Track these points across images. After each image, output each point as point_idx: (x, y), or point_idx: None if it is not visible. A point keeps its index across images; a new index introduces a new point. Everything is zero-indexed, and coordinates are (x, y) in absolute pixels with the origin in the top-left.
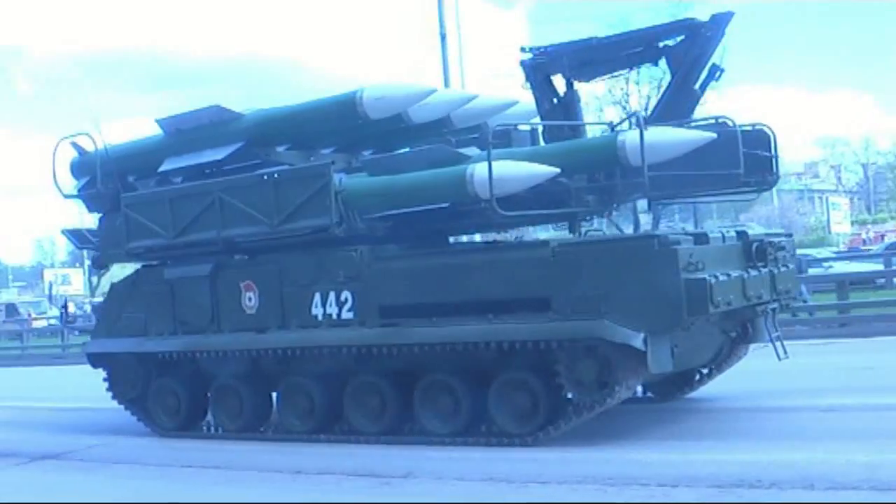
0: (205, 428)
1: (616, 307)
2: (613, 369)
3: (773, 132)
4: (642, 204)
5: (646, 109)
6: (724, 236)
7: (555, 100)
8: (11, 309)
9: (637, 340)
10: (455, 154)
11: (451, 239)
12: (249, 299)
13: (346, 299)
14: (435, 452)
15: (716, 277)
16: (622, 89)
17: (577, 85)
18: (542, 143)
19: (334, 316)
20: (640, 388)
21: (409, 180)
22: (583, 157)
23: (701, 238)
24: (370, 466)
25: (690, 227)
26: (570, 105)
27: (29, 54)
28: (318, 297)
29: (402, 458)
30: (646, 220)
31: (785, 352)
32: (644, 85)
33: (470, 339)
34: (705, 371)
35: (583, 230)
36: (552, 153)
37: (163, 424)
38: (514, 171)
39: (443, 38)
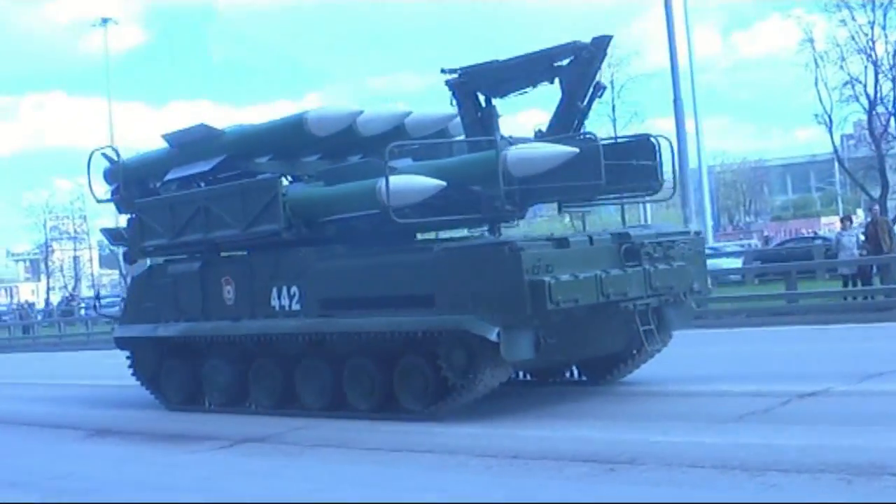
0: (206, 403)
1: (480, 303)
2: (478, 357)
3: (657, 142)
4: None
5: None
6: (591, 239)
7: (479, 114)
8: None
9: (491, 333)
10: (383, 167)
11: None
12: (228, 292)
13: (295, 293)
14: (661, 437)
15: (556, 279)
16: (866, 35)
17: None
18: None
19: (287, 307)
20: (576, 371)
21: (340, 191)
22: (477, 170)
23: (561, 242)
24: (593, 451)
25: None
26: (488, 119)
27: (221, 15)
28: (275, 291)
29: (626, 444)
30: None
31: (650, 343)
32: (892, 31)
33: (374, 330)
34: (631, 357)
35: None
36: (453, 166)
37: (171, 399)
38: (409, 183)
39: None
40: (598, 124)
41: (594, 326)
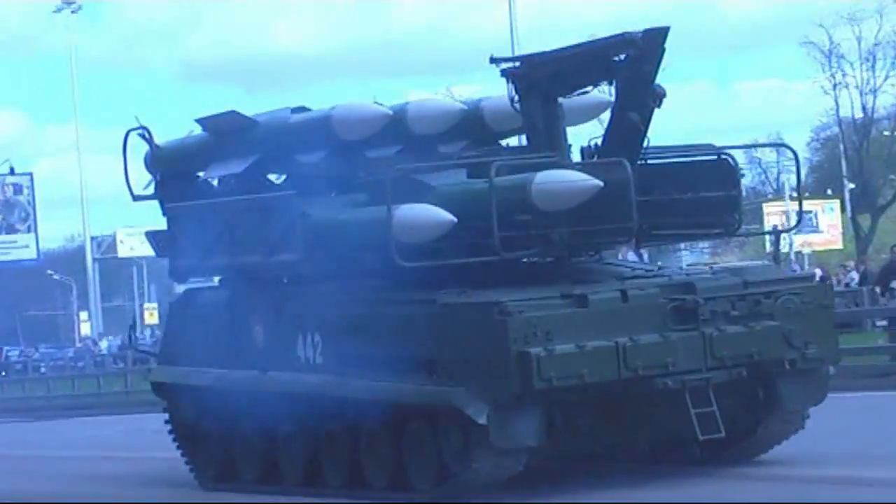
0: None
1: (472, 374)
2: (472, 439)
3: (734, 162)
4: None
5: None
6: (624, 294)
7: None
8: None
9: (480, 415)
10: (417, 184)
11: None
12: (257, 332)
13: (318, 343)
14: None
15: (549, 350)
16: None
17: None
18: None
19: (311, 360)
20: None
21: (359, 216)
22: (507, 196)
23: (579, 300)
24: None
25: None
26: (551, 122)
27: None
28: (300, 338)
29: None
30: None
31: (704, 431)
32: None
33: (375, 398)
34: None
35: None
36: (474, 193)
37: (204, 474)
38: (418, 216)
39: None
40: None
41: (639, 405)
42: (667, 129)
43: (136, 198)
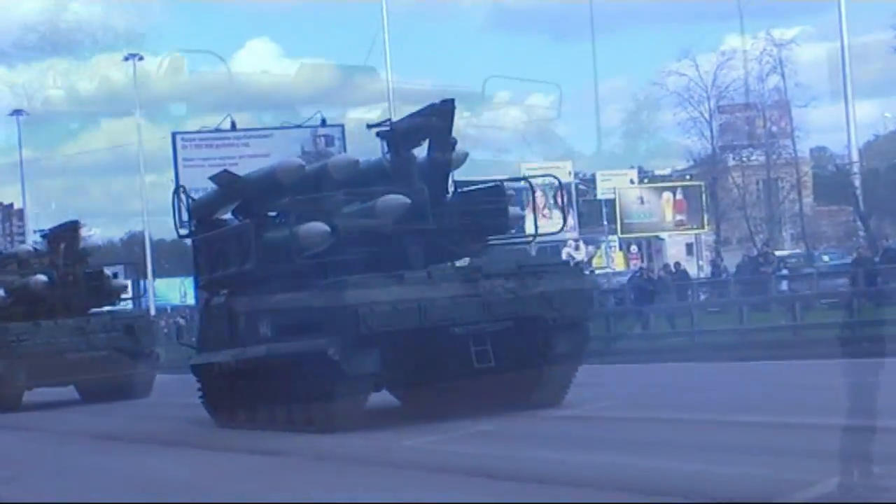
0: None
1: (331, 328)
2: (333, 371)
3: (503, 188)
4: None
5: None
6: (429, 274)
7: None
8: None
9: (334, 353)
10: (321, 209)
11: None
12: (241, 322)
13: (269, 322)
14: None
15: (371, 309)
16: None
17: None
18: None
19: (267, 335)
20: None
21: (287, 234)
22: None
23: (398, 278)
24: None
25: None
26: (407, 165)
27: None
28: (260, 320)
29: None
30: None
31: (478, 361)
32: None
33: (291, 352)
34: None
35: None
36: (355, 212)
37: (219, 417)
38: (307, 231)
39: None
40: None
41: (441, 347)
42: None
43: (180, 236)
